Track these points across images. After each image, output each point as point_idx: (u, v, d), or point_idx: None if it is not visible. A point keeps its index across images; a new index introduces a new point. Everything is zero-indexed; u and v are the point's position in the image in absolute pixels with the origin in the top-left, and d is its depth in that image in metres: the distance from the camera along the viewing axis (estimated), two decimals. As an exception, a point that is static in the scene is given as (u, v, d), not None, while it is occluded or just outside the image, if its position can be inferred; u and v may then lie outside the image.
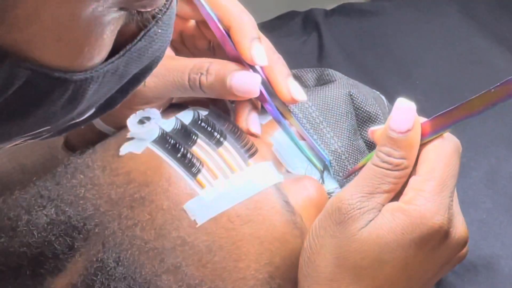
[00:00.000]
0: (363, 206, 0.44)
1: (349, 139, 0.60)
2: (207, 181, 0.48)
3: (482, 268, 0.65)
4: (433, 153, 0.45)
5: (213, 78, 0.50)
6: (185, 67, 0.50)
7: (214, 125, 0.50)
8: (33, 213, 0.47)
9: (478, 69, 0.90)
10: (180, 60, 0.51)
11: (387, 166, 0.45)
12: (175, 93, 0.51)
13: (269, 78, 0.52)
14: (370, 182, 0.45)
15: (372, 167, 0.45)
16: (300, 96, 0.52)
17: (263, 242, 0.47)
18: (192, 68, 0.50)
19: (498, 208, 0.72)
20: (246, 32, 0.50)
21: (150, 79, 0.49)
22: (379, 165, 0.45)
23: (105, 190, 0.47)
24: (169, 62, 0.50)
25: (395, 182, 0.45)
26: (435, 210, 0.43)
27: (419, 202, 0.43)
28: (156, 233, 0.46)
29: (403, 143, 0.44)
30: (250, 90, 0.50)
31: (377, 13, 0.98)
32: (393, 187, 0.45)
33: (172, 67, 0.50)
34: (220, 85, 0.50)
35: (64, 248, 0.46)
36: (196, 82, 0.50)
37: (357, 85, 0.65)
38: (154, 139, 0.49)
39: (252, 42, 0.50)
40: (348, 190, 0.45)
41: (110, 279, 0.45)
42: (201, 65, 0.50)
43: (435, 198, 0.43)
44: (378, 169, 0.45)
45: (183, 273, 0.45)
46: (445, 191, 0.44)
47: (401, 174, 0.45)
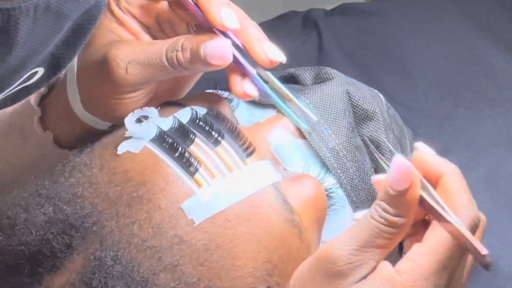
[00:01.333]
0: (353, 260, 0.43)
1: (347, 136, 0.60)
2: (204, 180, 0.48)
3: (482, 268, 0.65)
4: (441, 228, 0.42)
5: (188, 52, 0.49)
6: (161, 48, 0.50)
7: (212, 124, 0.51)
8: (31, 212, 0.47)
9: (477, 69, 0.90)
10: (156, 43, 0.51)
11: (382, 221, 0.43)
12: (158, 76, 0.51)
13: (245, 44, 0.51)
14: (365, 234, 0.43)
15: (369, 219, 0.43)
16: (278, 57, 0.51)
17: (261, 240, 0.47)
18: (168, 48, 0.50)
19: (498, 208, 0.72)
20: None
21: (131, 67, 0.49)
22: (376, 218, 0.43)
23: (103, 189, 0.47)
24: (147, 47, 0.50)
25: (391, 238, 0.43)
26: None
27: (411, 276, 0.41)
28: (153, 232, 0.46)
29: (400, 202, 0.43)
30: (223, 55, 0.49)
31: (376, 13, 0.98)
32: (388, 243, 0.43)
33: (150, 51, 0.50)
34: (196, 57, 0.49)
35: (62, 247, 0.46)
36: (174, 60, 0.49)
37: (355, 83, 0.65)
38: (151, 138, 0.49)
39: (220, 7, 0.50)
40: (341, 239, 0.44)
41: (107, 277, 0.45)
42: (175, 43, 0.50)
43: (429, 277, 0.41)
44: (374, 222, 0.43)
45: (180, 272, 0.45)
46: (443, 273, 0.41)
47: (397, 231, 0.43)
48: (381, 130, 0.62)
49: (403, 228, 0.43)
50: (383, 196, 0.43)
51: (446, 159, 0.47)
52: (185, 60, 0.49)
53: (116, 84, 0.50)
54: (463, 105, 0.87)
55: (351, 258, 0.43)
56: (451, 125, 0.85)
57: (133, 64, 0.49)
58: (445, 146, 0.81)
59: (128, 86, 0.50)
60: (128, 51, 0.50)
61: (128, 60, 0.49)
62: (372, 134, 0.62)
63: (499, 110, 0.85)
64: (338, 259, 0.43)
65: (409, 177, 0.42)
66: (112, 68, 0.49)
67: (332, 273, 0.43)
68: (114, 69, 0.49)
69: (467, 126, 0.84)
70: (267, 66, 0.51)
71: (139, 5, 0.53)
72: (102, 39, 0.52)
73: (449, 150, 0.80)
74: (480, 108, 0.86)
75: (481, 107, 0.86)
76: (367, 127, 0.62)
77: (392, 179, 0.43)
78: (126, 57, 0.49)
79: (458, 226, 0.42)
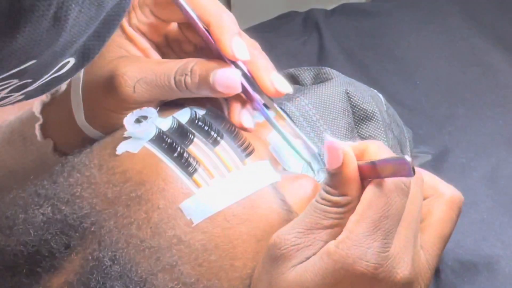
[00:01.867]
0: (298, 242, 0.43)
1: (346, 136, 0.60)
2: (203, 180, 0.48)
3: (482, 268, 0.65)
4: (370, 192, 0.43)
5: (197, 77, 0.50)
6: (170, 70, 0.50)
7: (211, 124, 0.51)
8: (30, 212, 0.47)
9: (478, 70, 0.90)
10: (166, 63, 0.52)
11: (325, 203, 0.44)
12: (164, 96, 0.52)
13: (253, 74, 0.51)
14: (309, 217, 0.44)
15: (313, 203, 0.44)
16: (284, 88, 0.51)
17: (260, 240, 0.47)
18: (177, 70, 0.50)
19: (498, 208, 0.72)
20: (226, 28, 0.50)
21: (139, 85, 0.50)
22: (319, 201, 0.44)
23: (102, 189, 0.47)
24: (156, 67, 0.51)
25: (338, 218, 0.43)
26: (358, 254, 0.41)
27: (345, 245, 0.42)
28: (152, 232, 0.46)
29: (339, 180, 0.43)
30: (232, 85, 0.50)
31: (377, 13, 0.98)
32: (336, 222, 0.43)
33: (159, 71, 0.50)
34: (204, 83, 0.50)
35: (61, 247, 0.46)
36: (182, 84, 0.50)
37: (354, 83, 0.65)
38: (150, 138, 0.49)
39: (232, 37, 0.50)
40: (288, 225, 0.45)
41: (106, 278, 0.45)
42: (185, 66, 0.50)
43: (362, 241, 0.41)
44: (318, 205, 0.44)
45: (179, 272, 0.45)
46: (376, 233, 0.42)
47: (342, 210, 0.43)
48: (380, 130, 0.62)
49: (350, 206, 0.44)
50: (326, 178, 0.44)
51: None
52: (193, 84, 0.50)
53: (122, 101, 0.51)
54: (464, 105, 0.87)
55: (295, 240, 0.43)
56: (452, 125, 0.85)
57: (141, 83, 0.50)
58: (446, 147, 0.81)
59: (133, 103, 0.51)
60: (137, 69, 0.50)
61: (136, 78, 0.50)
62: (371, 134, 0.62)
63: (500, 110, 0.85)
64: (282, 243, 0.44)
65: (340, 154, 0.43)
66: (120, 85, 0.50)
67: (277, 257, 0.44)
68: (122, 87, 0.50)
69: (467, 126, 0.84)
70: (273, 96, 0.52)
71: (149, 23, 0.54)
72: (111, 53, 0.53)
73: (450, 150, 0.80)
74: (481, 108, 0.86)
75: (482, 107, 0.86)
76: (366, 127, 0.62)
77: (327, 160, 0.44)
78: (135, 76, 0.50)
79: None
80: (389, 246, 0.42)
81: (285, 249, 0.44)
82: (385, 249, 0.42)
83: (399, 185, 0.43)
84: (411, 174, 0.41)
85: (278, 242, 0.44)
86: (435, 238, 0.47)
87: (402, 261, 0.43)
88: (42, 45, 0.33)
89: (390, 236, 0.42)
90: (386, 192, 0.42)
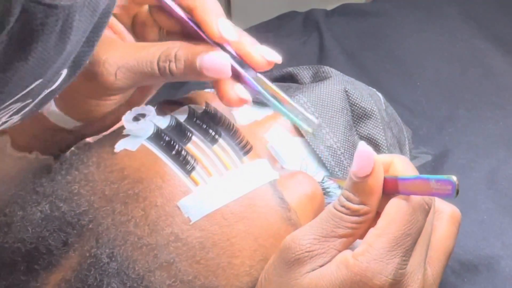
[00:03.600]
0: (313, 249, 0.43)
1: (345, 134, 0.60)
2: (201, 178, 0.48)
3: (483, 268, 0.65)
4: (394, 208, 0.43)
5: (182, 63, 0.48)
6: (153, 56, 0.49)
7: (209, 122, 0.51)
8: (28, 209, 0.47)
9: (478, 71, 0.90)
10: (147, 48, 0.50)
11: (344, 211, 0.44)
12: (147, 82, 0.50)
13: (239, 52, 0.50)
14: (325, 224, 0.44)
15: (331, 209, 0.44)
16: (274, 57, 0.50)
17: (258, 238, 0.47)
18: (160, 56, 0.49)
19: (498, 208, 0.72)
20: (211, 10, 0.49)
21: (120, 72, 0.48)
22: (337, 208, 0.44)
23: (99, 187, 0.47)
24: (137, 52, 0.49)
25: (353, 227, 0.44)
26: (378, 269, 0.42)
27: (365, 258, 0.42)
28: (149, 229, 0.46)
29: (362, 189, 0.43)
30: (221, 69, 0.48)
31: (377, 14, 0.98)
32: (351, 232, 0.44)
33: (140, 57, 0.49)
34: (190, 69, 0.48)
35: (58, 244, 0.46)
36: (166, 71, 0.48)
37: (353, 82, 0.65)
38: (149, 136, 0.49)
39: (218, 18, 0.49)
40: (303, 229, 0.45)
41: (103, 275, 0.45)
42: (168, 52, 0.49)
43: (382, 257, 0.42)
44: (336, 212, 0.44)
45: (176, 269, 0.45)
46: (396, 249, 0.42)
47: (359, 220, 0.44)
48: (379, 129, 0.62)
49: (367, 217, 0.44)
50: (347, 184, 0.44)
51: None
52: (178, 71, 0.48)
53: (103, 88, 0.49)
54: (464, 106, 0.87)
55: (310, 247, 0.43)
56: (452, 127, 0.85)
57: (122, 70, 0.48)
58: (446, 147, 0.81)
59: (114, 90, 0.49)
60: (118, 55, 0.49)
61: (117, 65, 0.48)
62: (370, 132, 0.62)
63: (500, 111, 0.85)
64: (297, 248, 0.44)
65: (370, 163, 0.43)
66: (102, 74, 0.48)
67: (291, 262, 0.44)
68: (104, 75, 0.48)
69: (467, 127, 0.84)
70: (265, 68, 0.50)
71: (122, 5, 0.52)
72: None
73: (450, 151, 0.80)
74: (481, 109, 0.86)
75: (482, 108, 0.86)
76: (365, 126, 0.62)
77: (354, 166, 0.44)
78: (116, 63, 0.48)
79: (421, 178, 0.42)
80: (407, 263, 0.43)
81: (299, 254, 0.43)
82: (403, 265, 0.42)
83: (423, 204, 0.43)
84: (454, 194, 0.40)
85: (293, 247, 0.44)
86: (439, 254, 0.47)
87: (416, 278, 0.43)
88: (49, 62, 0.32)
89: (409, 254, 0.43)
90: (411, 210, 0.43)
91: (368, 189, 0.43)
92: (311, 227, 0.44)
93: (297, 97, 0.61)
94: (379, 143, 0.62)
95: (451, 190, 0.40)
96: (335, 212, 0.44)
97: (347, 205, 0.44)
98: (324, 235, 0.44)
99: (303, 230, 0.44)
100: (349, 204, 0.44)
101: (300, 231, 0.45)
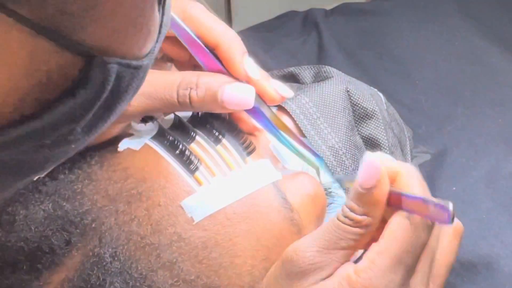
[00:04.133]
0: (316, 261, 0.43)
1: (346, 134, 0.60)
2: (205, 178, 0.48)
3: (482, 267, 0.65)
4: (395, 225, 0.43)
5: (204, 91, 0.48)
6: (172, 83, 0.48)
7: (213, 122, 0.51)
8: (31, 208, 0.47)
9: (477, 69, 0.90)
10: (167, 75, 0.49)
11: (348, 222, 0.43)
12: (161, 110, 0.49)
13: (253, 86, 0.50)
14: (328, 236, 0.44)
15: (334, 220, 0.44)
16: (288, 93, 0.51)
17: (260, 238, 0.47)
18: (180, 83, 0.48)
19: (498, 207, 0.72)
20: (236, 48, 0.49)
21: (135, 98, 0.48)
22: (341, 219, 0.44)
23: (102, 186, 0.47)
24: (154, 77, 0.48)
25: (355, 239, 0.43)
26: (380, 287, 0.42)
27: (367, 275, 0.42)
28: (152, 229, 0.46)
29: (366, 200, 0.43)
30: (245, 101, 0.48)
31: (376, 13, 0.98)
32: (352, 244, 0.44)
33: (159, 83, 0.48)
34: (211, 98, 0.48)
35: (61, 243, 0.46)
36: (186, 98, 0.48)
37: (354, 82, 0.65)
38: (152, 136, 0.49)
39: (243, 56, 0.49)
40: (305, 241, 0.44)
41: (106, 274, 0.45)
42: (189, 79, 0.48)
43: (384, 274, 0.42)
44: (339, 223, 0.44)
45: (179, 269, 0.45)
46: (398, 267, 0.42)
47: (362, 231, 0.43)
48: (381, 129, 0.62)
49: (369, 229, 0.43)
50: (352, 195, 0.44)
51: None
52: (198, 99, 0.48)
53: None
54: (463, 104, 0.87)
55: (313, 259, 0.43)
56: (451, 125, 0.84)
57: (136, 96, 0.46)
58: (445, 146, 0.81)
59: (124, 118, 0.48)
60: None
61: None
62: (372, 132, 0.62)
63: (499, 109, 0.85)
64: (300, 261, 0.43)
65: (377, 174, 0.43)
66: None
67: (294, 274, 0.44)
68: None
69: (467, 125, 0.84)
70: (278, 102, 0.51)
71: None
72: None
73: (449, 149, 0.80)
74: (480, 107, 0.86)
75: (481, 106, 0.86)
76: (367, 126, 0.63)
77: (360, 176, 0.43)
78: None
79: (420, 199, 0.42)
80: (408, 280, 0.43)
81: (302, 267, 0.43)
82: (405, 282, 0.42)
83: (426, 221, 0.43)
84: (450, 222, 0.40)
85: (296, 259, 0.44)
86: (442, 268, 0.46)
87: None
88: (119, 112, 0.32)
89: (411, 271, 0.43)
90: (413, 228, 0.43)
91: (372, 201, 0.43)
92: (314, 239, 0.44)
93: (298, 97, 0.61)
94: (380, 143, 0.62)
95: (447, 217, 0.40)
96: (338, 223, 0.44)
97: (351, 216, 0.43)
98: (326, 247, 0.43)
99: (305, 242, 0.44)
100: (352, 215, 0.43)
101: (302, 243, 0.44)
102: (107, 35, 0.27)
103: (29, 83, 0.26)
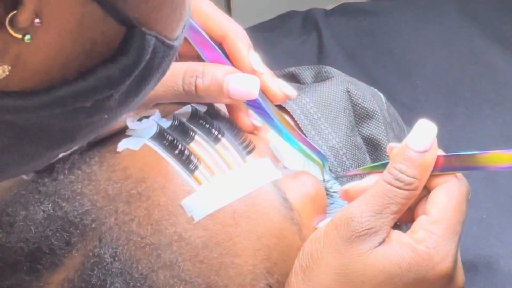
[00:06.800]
0: (372, 226, 0.45)
1: (347, 135, 0.60)
2: (204, 177, 0.48)
3: (482, 267, 0.65)
4: (445, 196, 0.45)
5: (209, 80, 0.49)
6: (179, 70, 0.49)
7: (212, 121, 0.51)
8: (31, 209, 0.47)
9: (477, 69, 0.90)
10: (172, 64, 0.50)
11: (398, 184, 0.45)
12: (166, 99, 0.50)
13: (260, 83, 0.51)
14: (380, 200, 0.45)
15: (383, 184, 0.46)
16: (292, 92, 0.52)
17: (261, 238, 0.47)
18: (186, 71, 0.49)
19: (498, 207, 0.72)
20: (243, 41, 0.50)
21: None
22: (391, 182, 0.46)
23: (102, 186, 0.47)
24: None
25: (403, 203, 0.45)
26: (444, 255, 0.44)
27: (430, 244, 0.44)
28: (152, 229, 0.46)
29: (418, 163, 0.45)
30: (250, 92, 0.49)
31: (377, 13, 0.98)
32: (401, 208, 0.45)
33: None
34: (216, 87, 0.49)
35: (61, 243, 0.46)
36: (191, 86, 0.49)
37: (355, 82, 0.65)
38: (151, 136, 0.49)
39: (248, 50, 0.50)
40: (358, 206, 0.46)
41: (106, 274, 0.44)
42: (195, 67, 0.49)
43: (445, 243, 0.44)
44: (389, 187, 0.45)
45: (179, 269, 0.45)
46: (454, 237, 0.45)
47: (410, 194, 0.45)
48: (381, 129, 0.62)
49: (415, 193, 0.46)
50: (401, 158, 0.45)
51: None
52: (204, 87, 0.49)
53: None
54: (463, 104, 0.87)
55: (369, 224, 0.45)
56: (451, 124, 0.85)
57: None
58: (445, 145, 0.80)
59: None
60: None
61: None
62: (372, 132, 0.62)
63: (499, 109, 0.85)
64: (357, 226, 0.45)
65: (432, 138, 0.45)
66: None
67: (351, 238, 0.45)
68: None
69: (467, 125, 0.84)
70: (282, 101, 0.52)
71: None
72: None
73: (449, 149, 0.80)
74: (480, 107, 0.86)
75: (481, 106, 0.86)
76: (367, 126, 0.63)
77: (414, 139, 0.45)
78: None
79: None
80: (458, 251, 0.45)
81: (359, 232, 0.45)
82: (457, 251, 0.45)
83: (467, 195, 0.46)
84: None
85: (353, 225, 0.45)
86: None
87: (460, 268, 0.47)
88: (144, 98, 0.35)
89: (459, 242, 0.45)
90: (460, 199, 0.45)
91: (424, 164, 0.45)
92: (366, 204, 0.45)
93: (299, 97, 0.61)
94: (381, 143, 0.62)
95: None
96: (388, 187, 0.45)
97: (401, 178, 0.45)
98: (380, 211, 0.45)
99: (359, 207, 0.46)
100: (403, 177, 0.45)
101: (355, 208, 0.46)
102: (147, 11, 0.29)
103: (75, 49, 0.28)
